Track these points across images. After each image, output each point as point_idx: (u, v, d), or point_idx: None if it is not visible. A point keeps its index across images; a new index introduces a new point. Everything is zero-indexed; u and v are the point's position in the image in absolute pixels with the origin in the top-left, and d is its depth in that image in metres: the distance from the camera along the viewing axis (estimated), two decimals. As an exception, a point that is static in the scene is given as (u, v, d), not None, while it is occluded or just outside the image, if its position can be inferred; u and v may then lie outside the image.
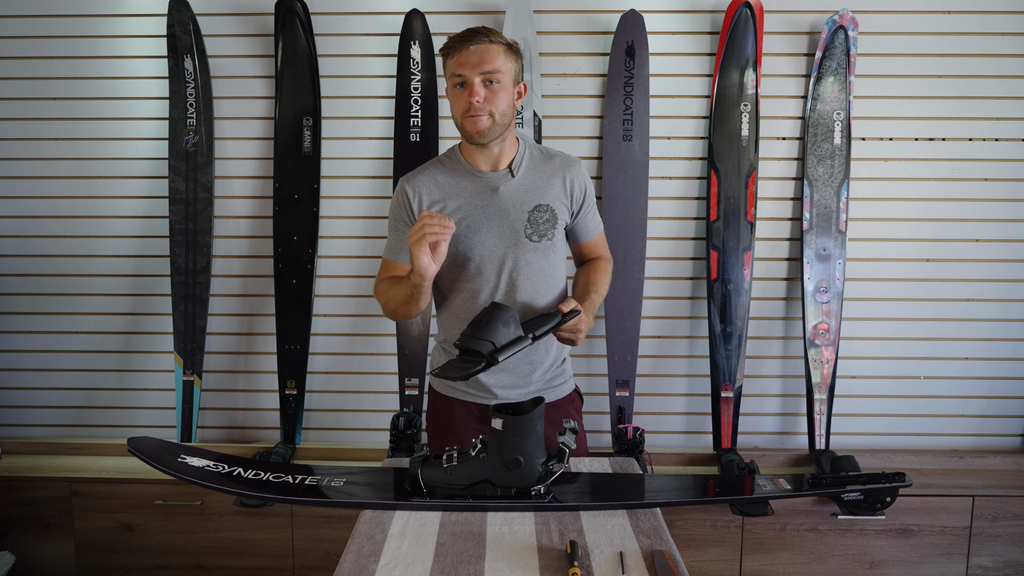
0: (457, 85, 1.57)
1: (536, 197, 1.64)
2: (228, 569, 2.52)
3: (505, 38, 1.58)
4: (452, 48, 1.56)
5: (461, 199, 1.63)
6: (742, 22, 2.48)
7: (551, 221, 1.64)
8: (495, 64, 1.54)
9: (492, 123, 1.56)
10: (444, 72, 1.60)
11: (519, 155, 1.66)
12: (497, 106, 1.56)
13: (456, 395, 1.73)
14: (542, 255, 1.65)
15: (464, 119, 1.57)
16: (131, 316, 2.72)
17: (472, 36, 1.54)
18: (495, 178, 1.64)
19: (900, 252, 2.65)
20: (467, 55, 1.53)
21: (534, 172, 1.66)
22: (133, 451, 1.44)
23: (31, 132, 2.63)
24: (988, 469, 2.64)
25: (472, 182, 1.64)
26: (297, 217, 2.59)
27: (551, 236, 1.65)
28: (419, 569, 1.21)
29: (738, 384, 2.59)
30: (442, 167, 1.68)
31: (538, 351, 1.69)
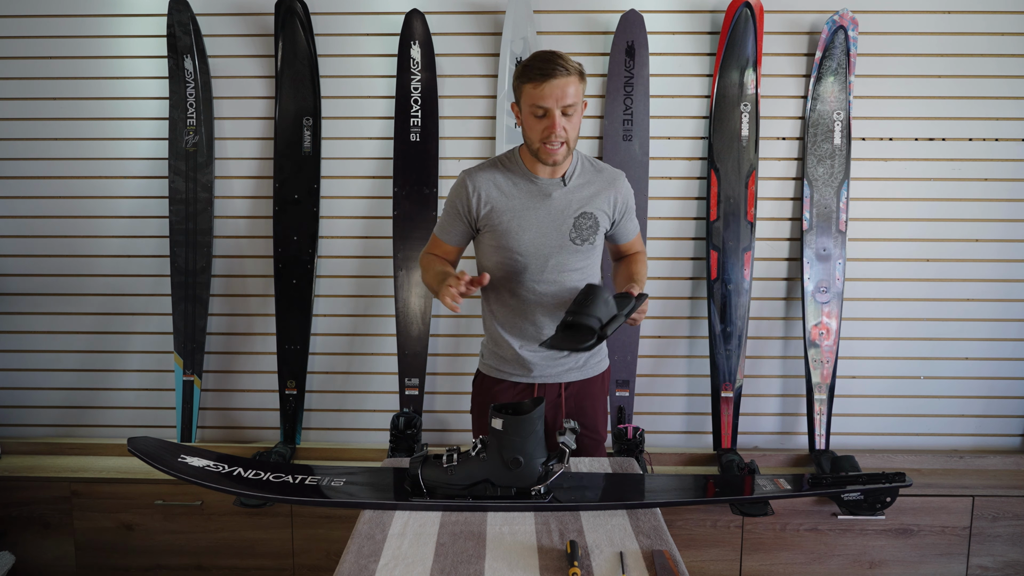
0: (536, 115, 1.65)
1: (583, 205, 1.76)
2: (228, 569, 2.52)
3: (577, 64, 1.66)
4: (531, 79, 1.63)
5: (515, 200, 1.75)
6: (742, 22, 2.48)
7: (593, 228, 1.77)
8: (575, 97, 1.64)
9: (567, 150, 1.69)
10: (517, 93, 1.69)
11: (572, 166, 1.77)
12: (571, 133, 1.67)
13: (502, 376, 1.85)
14: (583, 256, 1.78)
15: (541, 146, 1.67)
16: (131, 316, 2.72)
17: (553, 69, 1.61)
18: (549, 185, 1.75)
19: (900, 252, 2.65)
20: (550, 88, 1.61)
21: (584, 183, 1.78)
22: (133, 451, 1.44)
23: (31, 132, 2.63)
24: (988, 469, 2.64)
25: (528, 186, 1.75)
26: (297, 217, 2.59)
27: (593, 240, 1.78)
28: (419, 569, 1.21)
29: (738, 384, 2.59)
30: (502, 168, 1.78)
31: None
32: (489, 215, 1.75)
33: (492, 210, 1.75)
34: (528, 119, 1.68)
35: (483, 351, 1.92)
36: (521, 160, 1.77)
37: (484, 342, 1.92)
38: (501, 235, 1.75)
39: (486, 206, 1.75)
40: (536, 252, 1.75)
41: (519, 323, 1.80)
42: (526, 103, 1.67)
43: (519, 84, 1.68)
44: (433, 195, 2.57)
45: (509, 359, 1.83)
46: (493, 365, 1.87)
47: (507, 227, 1.74)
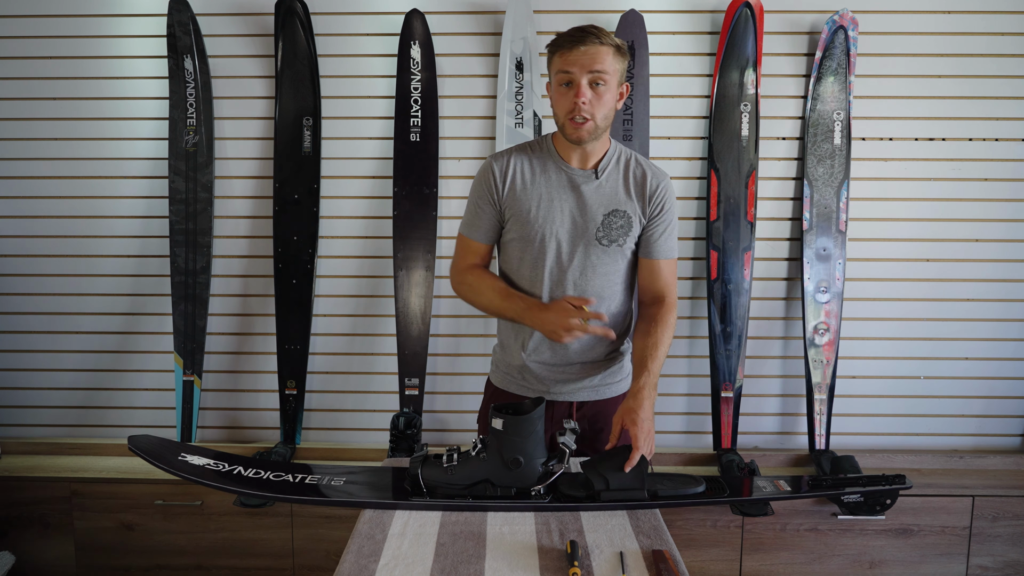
0: (563, 84, 1.55)
1: (615, 202, 1.63)
2: (228, 569, 2.52)
3: (615, 39, 1.56)
4: (560, 46, 1.54)
5: (541, 187, 1.63)
6: (742, 22, 2.48)
7: (625, 228, 1.64)
8: (604, 65, 1.52)
9: (594, 127, 1.56)
10: (549, 66, 1.59)
11: (608, 156, 1.65)
12: (601, 109, 1.55)
13: (511, 389, 1.75)
14: (610, 260, 1.65)
15: (567, 120, 1.56)
16: (131, 316, 2.72)
17: (583, 36, 1.52)
18: (579, 176, 1.63)
19: (900, 252, 2.65)
20: (577, 54, 1.51)
21: (619, 177, 1.65)
22: (134, 449, 1.44)
23: (31, 132, 2.63)
24: (988, 469, 2.64)
25: (557, 175, 1.64)
26: (297, 217, 2.59)
27: (622, 243, 1.65)
28: (419, 569, 1.21)
29: (738, 384, 2.59)
30: (532, 153, 1.67)
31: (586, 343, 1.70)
32: (513, 197, 1.63)
33: (517, 191, 1.63)
34: (556, 93, 1.57)
35: (493, 357, 1.82)
36: (552, 146, 1.66)
37: (495, 347, 1.82)
38: (523, 223, 1.63)
39: (511, 186, 1.63)
40: (559, 247, 1.63)
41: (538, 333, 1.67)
42: (554, 73, 1.56)
43: (550, 54, 1.57)
44: (433, 195, 2.57)
45: (516, 368, 1.72)
46: (502, 373, 1.77)
47: (531, 215, 1.62)
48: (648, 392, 1.52)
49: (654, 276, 1.69)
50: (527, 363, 1.70)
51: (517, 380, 1.74)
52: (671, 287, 1.70)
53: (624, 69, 1.59)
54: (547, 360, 1.70)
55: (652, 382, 1.54)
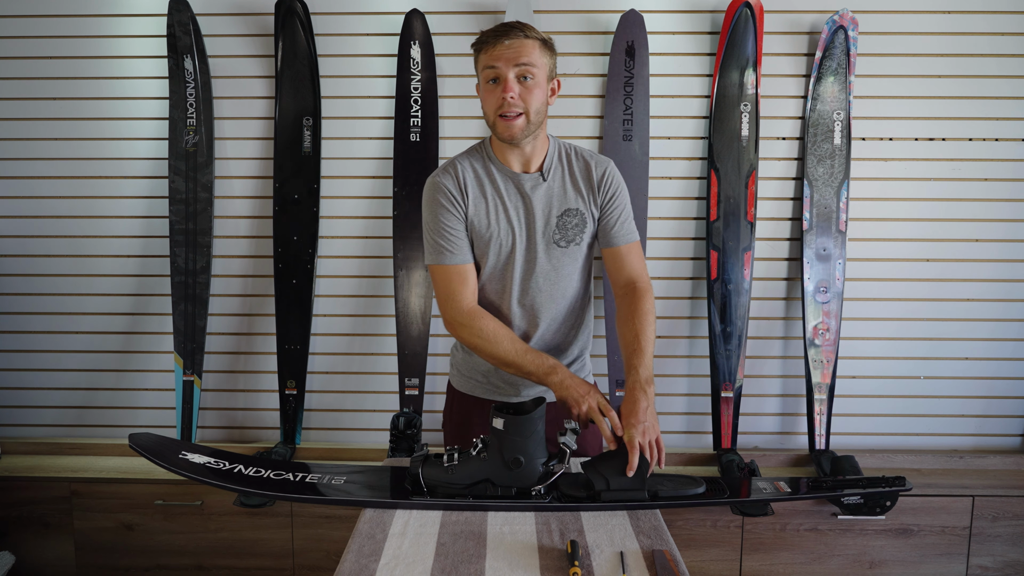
0: (490, 80, 1.52)
1: (566, 201, 1.61)
2: (228, 569, 2.52)
3: (540, 33, 1.53)
4: (485, 43, 1.52)
5: (494, 198, 1.60)
6: (742, 22, 2.48)
7: (580, 226, 1.62)
8: (531, 58, 1.49)
9: (526, 123, 1.52)
10: (476, 69, 1.56)
11: (550, 156, 1.62)
12: (531, 104, 1.51)
13: (477, 393, 1.72)
14: (570, 260, 1.63)
15: (496, 118, 1.52)
16: (131, 316, 2.72)
17: (507, 31, 1.50)
18: (527, 180, 1.60)
19: (900, 252, 2.65)
20: (502, 49, 1.49)
21: (565, 175, 1.63)
22: (134, 447, 1.44)
23: (31, 132, 2.63)
24: (988, 469, 2.64)
25: (504, 182, 1.60)
26: (297, 217, 2.59)
27: (579, 241, 1.63)
28: (420, 568, 1.21)
29: (738, 384, 2.59)
30: (474, 161, 1.62)
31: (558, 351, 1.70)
32: (472, 209, 1.59)
33: (473, 203, 1.58)
34: (484, 91, 1.53)
35: (453, 361, 1.77)
36: (492, 152, 1.61)
37: (453, 349, 1.77)
38: (479, 236, 1.59)
39: (469, 197, 1.58)
40: (518, 256, 1.60)
41: None
42: (480, 70, 1.52)
43: (476, 55, 1.53)
44: (433, 195, 2.57)
45: (481, 371, 1.70)
46: (465, 378, 1.73)
47: (487, 227, 1.58)
48: (640, 393, 1.48)
49: (621, 263, 1.65)
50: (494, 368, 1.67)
51: (483, 384, 1.71)
52: (642, 271, 1.66)
53: (553, 64, 1.56)
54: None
55: (643, 378, 1.49)
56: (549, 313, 1.65)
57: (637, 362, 1.52)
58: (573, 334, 1.72)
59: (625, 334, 1.58)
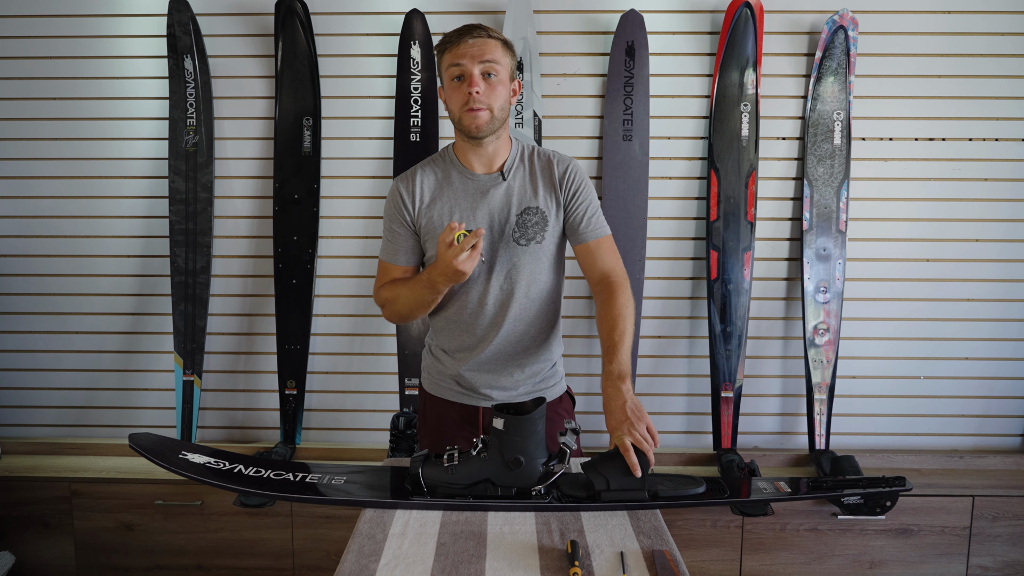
0: (455, 79, 1.55)
1: (526, 200, 1.62)
2: (228, 569, 2.52)
3: (501, 35, 1.58)
4: (449, 42, 1.56)
5: (451, 200, 1.62)
6: (742, 22, 2.48)
7: (540, 224, 1.62)
8: (494, 55, 1.54)
9: (491, 117, 1.56)
10: (439, 69, 1.60)
11: (512, 156, 1.65)
12: (495, 100, 1.55)
13: (447, 396, 1.73)
14: (531, 258, 1.63)
15: (463, 113, 1.55)
16: (131, 316, 2.72)
17: (469, 30, 1.55)
18: (486, 181, 1.63)
19: (900, 252, 2.65)
20: (466, 47, 1.53)
21: (525, 174, 1.64)
22: (134, 447, 1.44)
23: (31, 132, 2.63)
24: (988, 469, 2.64)
25: (464, 184, 1.63)
26: (297, 217, 2.59)
27: (540, 239, 1.63)
28: (420, 569, 1.20)
29: (738, 384, 2.59)
30: (435, 167, 1.67)
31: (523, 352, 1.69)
32: (426, 216, 1.62)
33: (428, 209, 1.62)
34: (449, 89, 1.56)
35: (424, 365, 1.79)
36: (455, 156, 1.65)
37: (424, 354, 1.80)
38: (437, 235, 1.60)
39: (422, 204, 1.62)
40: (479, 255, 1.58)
41: (464, 337, 1.67)
42: (445, 70, 1.56)
43: (439, 54, 1.58)
44: (433, 195, 2.57)
45: (450, 376, 1.71)
46: (435, 381, 1.75)
47: (441, 224, 1.61)
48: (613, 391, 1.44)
49: (592, 259, 1.64)
50: (461, 372, 1.68)
51: (453, 388, 1.72)
52: (615, 264, 1.65)
53: (514, 65, 1.60)
54: (480, 367, 1.68)
55: (615, 374, 1.46)
56: (512, 312, 1.65)
57: (609, 359, 1.50)
58: (542, 336, 1.70)
59: (601, 331, 1.57)
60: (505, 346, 1.67)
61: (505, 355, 1.68)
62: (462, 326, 1.67)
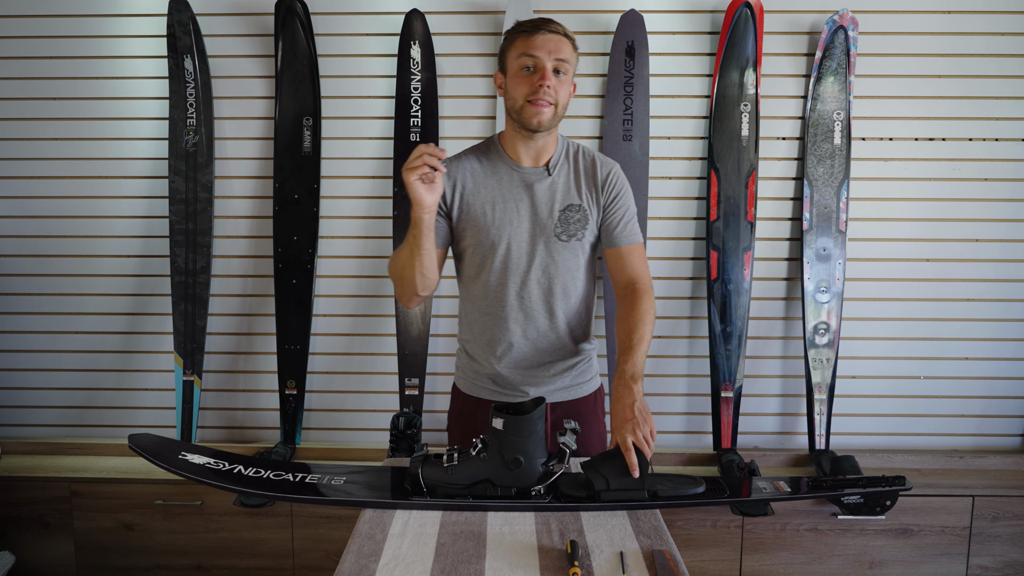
0: (525, 68, 1.55)
1: (569, 197, 1.63)
2: (228, 569, 2.52)
3: (572, 34, 1.59)
4: (524, 31, 1.55)
5: (494, 190, 1.62)
6: (742, 22, 2.48)
7: (582, 221, 1.63)
8: (566, 54, 1.54)
9: (554, 114, 1.56)
10: (503, 55, 1.59)
11: (558, 152, 1.65)
12: (561, 97, 1.56)
13: (483, 395, 1.72)
14: (570, 255, 1.64)
15: (526, 105, 1.54)
16: (131, 316, 2.72)
17: (546, 23, 1.55)
18: (531, 174, 1.63)
19: (900, 252, 2.65)
20: (543, 40, 1.53)
21: (570, 171, 1.65)
22: (134, 447, 1.44)
23: (31, 132, 2.63)
24: (988, 469, 2.64)
25: (509, 175, 1.63)
26: (297, 217, 2.59)
27: (580, 236, 1.64)
28: (419, 569, 1.20)
29: (738, 384, 2.59)
30: (480, 156, 1.66)
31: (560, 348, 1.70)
32: (466, 205, 1.61)
33: (469, 199, 1.61)
34: (515, 78, 1.55)
35: (458, 363, 1.78)
36: (501, 147, 1.64)
37: (459, 353, 1.78)
38: (479, 229, 1.61)
39: (461, 195, 1.61)
40: (518, 249, 1.62)
41: (500, 332, 1.66)
42: (514, 57, 1.55)
43: (508, 41, 1.57)
44: (433, 195, 2.57)
45: (487, 375, 1.70)
46: (470, 381, 1.74)
47: (487, 219, 1.60)
48: (624, 389, 1.45)
49: (622, 264, 1.66)
50: (499, 370, 1.68)
51: (488, 386, 1.71)
52: (643, 272, 1.66)
53: (577, 65, 1.61)
54: (517, 364, 1.68)
55: (628, 375, 1.47)
56: (548, 306, 1.65)
57: (624, 359, 1.52)
58: (578, 332, 1.71)
59: (619, 333, 1.58)
60: (542, 342, 1.67)
61: (542, 351, 1.68)
62: (498, 320, 1.66)
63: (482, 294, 1.67)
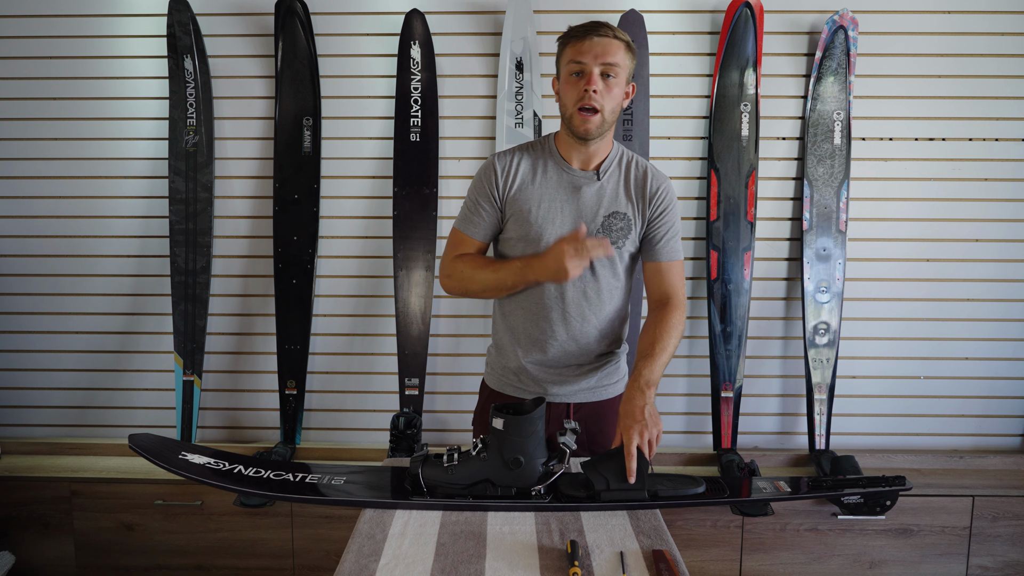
0: (574, 74, 1.55)
1: (615, 204, 1.63)
2: (228, 569, 2.52)
3: (626, 35, 1.57)
4: (573, 36, 1.55)
5: (543, 187, 1.63)
6: (742, 22, 2.48)
7: (625, 230, 1.63)
8: (615, 58, 1.53)
9: (601, 121, 1.56)
10: (558, 61, 1.60)
11: (610, 158, 1.65)
12: (609, 102, 1.55)
13: (508, 391, 1.74)
14: (609, 261, 1.64)
15: (575, 112, 1.55)
16: (131, 316, 2.72)
17: (596, 27, 1.54)
18: (581, 177, 1.63)
19: (900, 252, 2.65)
20: (590, 44, 1.53)
21: (620, 179, 1.65)
22: (134, 447, 1.44)
23: (31, 132, 2.63)
24: (988, 469, 2.64)
25: (559, 175, 1.63)
26: (297, 217, 2.59)
27: (621, 245, 1.64)
28: (420, 568, 1.21)
29: (738, 384, 2.59)
30: (534, 153, 1.67)
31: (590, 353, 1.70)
32: (516, 197, 1.63)
33: (519, 191, 1.62)
34: (566, 83, 1.57)
35: (488, 360, 1.81)
36: (555, 147, 1.66)
37: (489, 348, 1.81)
38: (523, 224, 1.62)
39: (514, 185, 1.63)
40: None
41: (533, 330, 1.67)
42: (565, 63, 1.56)
43: (561, 46, 1.58)
44: (433, 195, 2.57)
45: (513, 370, 1.72)
46: (498, 376, 1.76)
47: (532, 215, 1.61)
48: (637, 392, 1.49)
49: (660, 279, 1.68)
50: (524, 365, 1.69)
51: (513, 383, 1.73)
52: (678, 288, 1.69)
53: (633, 67, 1.59)
54: (544, 362, 1.69)
55: (644, 380, 1.51)
56: (582, 310, 1.66)
57: (643, 365, 1.54)
58: (610, 338, 1.72)
59: (644, 340, 1.61)
60: (572, 344, 1.67)
61: (570, 353, 1.68)
62: (533, 316, 1.66)
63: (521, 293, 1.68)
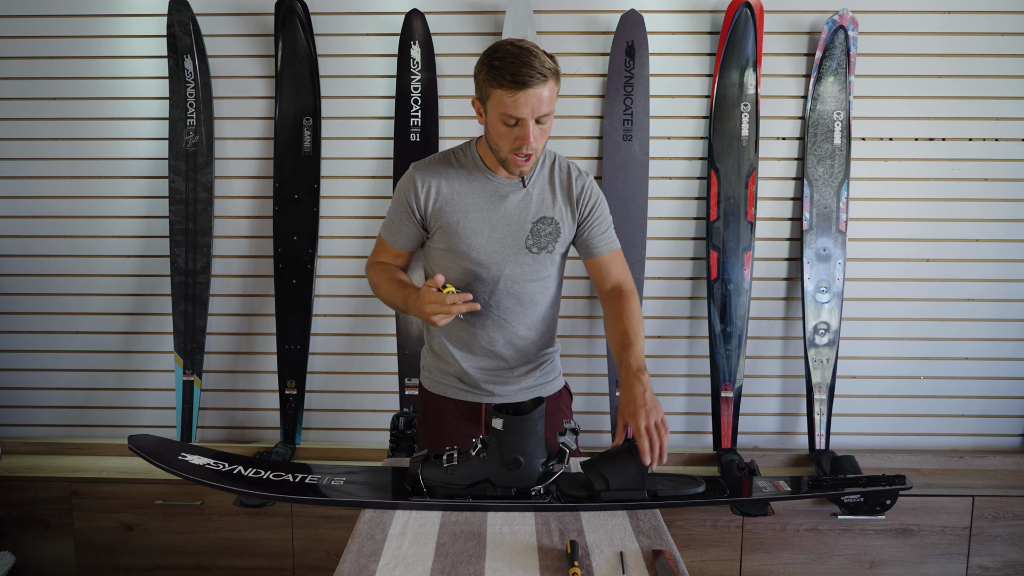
0: (508, 124, 1.49)
1: (543, 209, 1.63)
2: (228, 569, 2.52)
3: (553, 63, 1.49)
4: (504, 85, 1.45)
5: (468, 199, 1.61)
6: (742, 22, 2.48)
7: (553, 235, 1.63)
8: (550, 104, 1.48)
9: (536, 158, 1.55)
10: (482, 93, 1.51)
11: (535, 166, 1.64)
12: (543, 140, 1.54)
13: (448, 393, 1.74)
14: (540, 266, 1.65)
15: (511, 155, 1.52)
16: (131, 316, 2.72)
17: (529, 77, 1.43)
18: (506, 185, 1.62)
19: (900, 252, 2.65)
20: (524, 98, 1.45)
21: (545, 184, 1.64)
22: (134, 448, 1.44)
23: (31, 132, 2.63)
24: (988, 469, 2.64)
25: (483, 184, 1.61)
26: (297, 217, 2.59)
27: (551, 249, 1.64)
28: (419, 569, 1.21)
29: (738, 384, 2.59)
30: (456, 163, 1.64)
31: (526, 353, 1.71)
32: (439, 213, 1.61)
33: (443, 207, 1.60)
34: (496, 126, 1.50)
35: (424, 363, 1.79)
36: (478, 155, 1.62)
37: (424, 352, 1.79)
38: (451, 237, 1.61)
39: (436, 202, 1.60)
40: (489, 259, 1.61)
41: (467, 337, 1.67)
42: (495, 109, 1.48)
43: (488, 85, 1.47)
44: (433, 195, 2.57)
45: (452, 374, 1.72)
46: (436, 380, 1.75)
47: (458, 228, 1.60)
48: (634, 381, 1.47)
49: (604, 272, 1.69)
50: (465, 369, 1.69)
51: (454, 385, 1.73)
52: (626, 275, 1.71)
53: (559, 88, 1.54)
54: (484, 366, 1.70)
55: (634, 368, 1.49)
56: (518, 316, 1.67)
57: (626, 355, 1.54)
58: (544, 339, 1.74)
59: (614, 333, 1.61)
60: (508, 348, 1.69)
61: (508, 355, 1.70)
62: (469, 324, 1.67)
63: None
